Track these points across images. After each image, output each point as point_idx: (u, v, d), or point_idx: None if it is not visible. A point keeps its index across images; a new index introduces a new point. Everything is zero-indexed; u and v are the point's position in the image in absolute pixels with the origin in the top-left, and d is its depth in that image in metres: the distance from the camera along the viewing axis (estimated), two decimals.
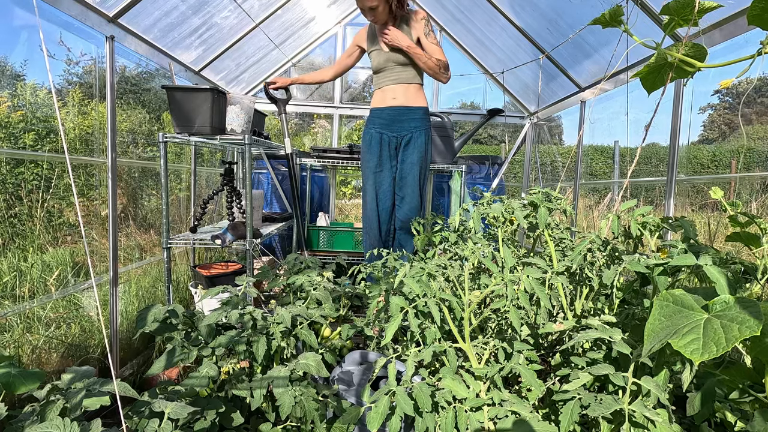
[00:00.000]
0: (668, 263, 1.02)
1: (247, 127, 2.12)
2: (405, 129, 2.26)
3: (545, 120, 3.58)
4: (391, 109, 2.26)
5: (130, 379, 1.90)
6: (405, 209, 2.33)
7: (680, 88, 1.82)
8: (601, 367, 0.99)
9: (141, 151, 3.96)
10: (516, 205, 1.47)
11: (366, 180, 2.35)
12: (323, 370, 1.24)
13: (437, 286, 1.21)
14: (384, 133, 2.28)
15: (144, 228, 3.51)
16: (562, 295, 1.31)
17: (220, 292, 1.43)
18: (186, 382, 1.21)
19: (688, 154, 7.38)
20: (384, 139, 2.28)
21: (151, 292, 2.40)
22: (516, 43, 2.97)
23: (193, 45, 2.56)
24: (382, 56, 2.24)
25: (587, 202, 4.97)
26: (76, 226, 3.26)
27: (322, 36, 3.63)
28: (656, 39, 1.02)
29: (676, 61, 0.96)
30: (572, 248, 1.42)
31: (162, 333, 1.34)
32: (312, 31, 3.54)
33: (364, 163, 2.34)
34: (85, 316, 1.99)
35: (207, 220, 3.19)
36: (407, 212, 2.33)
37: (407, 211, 2.33)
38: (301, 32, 3.44)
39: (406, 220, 2.32)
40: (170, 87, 1.99)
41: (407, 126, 2.26)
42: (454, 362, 1.14)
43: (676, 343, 0.74)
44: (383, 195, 2.33)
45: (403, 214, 2.33)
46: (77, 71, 4.49)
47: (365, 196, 2.35)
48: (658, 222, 1.26)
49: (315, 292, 1.56)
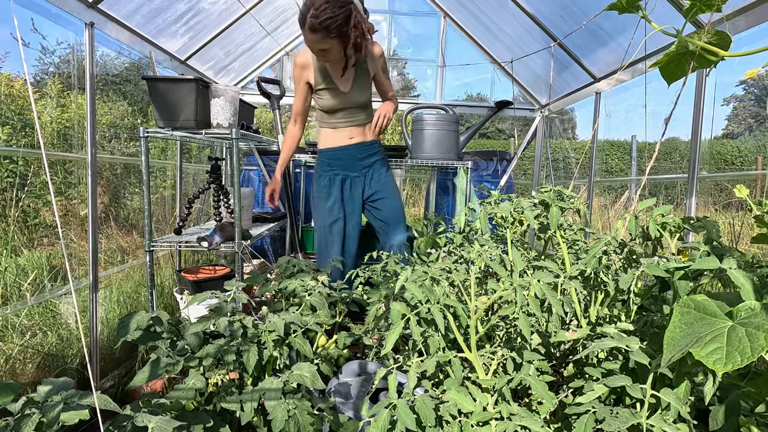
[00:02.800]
0: (690, 267, 1.02)
1: (234, 121, 2.12)
2: (367, 164, 2.22)
3: (557, 113, 3.59)
4: (353, 148, 2.18)
5: (111, 392, 1.90)
6: (398, 233, 2.28)
7: (702, 79, 1.82)
8: (618, 378, 0.99)
9: (123, 146, 3.96)
10: (526, 204, 1.47)
11: (324, 228, 2.22)
12: (319, 381, 1.24)
13: (441, 291, 1.21)
14: (348, 175, 2.20)
15: (126, 229, 3.51)
16: (576, 301, 1.31)
17: (207, 298, 1.43)
18: (171, 395, 1.21)
19: (711, 149, 7.39)
20: (347, 181, 2.20)
21: (134, 298, 2.40)
22: (526, 31, 2.98)
23: (179, 32, 2.56)
24: (339, 97, 2.12)
25: (602, 201, 4.97)
26: (53, 227, 3.26)
27: None
28: (677, 25, 1.02)
29: (698, 50, 0.96)
30: (586, 251, 1.42)
31: (145, 342, 1.34)
32: None
33: (321, 211, 2.21)
34: (63, 323, 1.99)
35: (193, 220, 3.19)
36: (401, 235, 2.29)
37: (401, 232, 2.29)
38: (295, 18, 3.44)
39: (401, 244, 2.29)
40: (151, 78, 1.99)
41: (369, 161, 2.23)
42: (459, 373, 1.14)
43: (697, 352, 0.74)
44: (350, 241, 2.25)
45: (398, 240, 2.28)
46: (53, 60, 4.49)
47: (326, 247, 2.23)
48: (679, 222, 1.26)
49: (309, 297, 1.56)
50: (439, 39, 3.64)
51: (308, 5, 1.86)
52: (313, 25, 1.85)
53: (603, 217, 4.21)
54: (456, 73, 3.74)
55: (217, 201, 2.30)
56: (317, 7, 1.84)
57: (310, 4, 1.85)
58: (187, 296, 2.19)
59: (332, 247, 2.23)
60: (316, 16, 1.84)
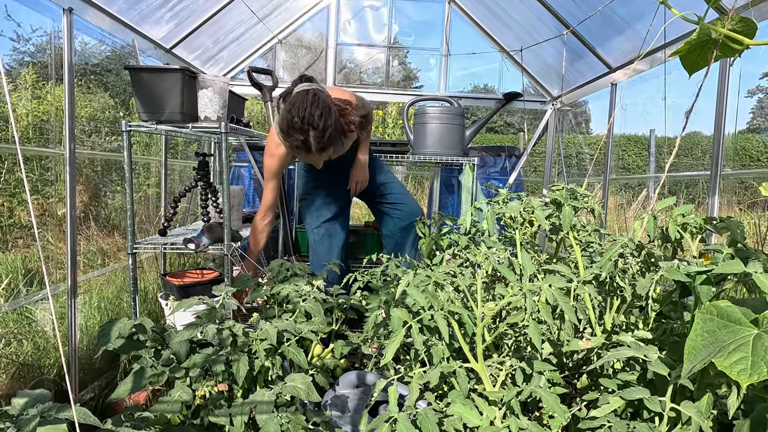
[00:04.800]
0: (712, 271, 1.02)
1: (223, 114, 2.12)
2: (353, 156, 2.28)
3: (570, 105, 3.59)
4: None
5: (91, 404, 1.90)
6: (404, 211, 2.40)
7: (726, 69, 1.83)
8: (635, 390, 0.99)
9: (104, 141, 3.97)
10: (536, 203, 1.47)
11: (316, 229, 2.32)
12: (314, 393, 1.24)
13: (445, 297, 1.21)
14: (333, 172, 2.27)
15: (107, 230, 3.51)
16: (590, 308, 1.31)
17: (194, 304, 1.43)
18: (156, 408, 1.21)
19: (735, 144, 7.40)
20: (332, 178, 2.28)
21: (116, 304, 2.40)
22: (537, 17, 2.98)
23: (164, 18, 2.56)
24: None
25: (619, 200, 4.97)
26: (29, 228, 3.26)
27: (313, 8, 3.63)
28: (698, 11, 1.01)
29: (722, 38, 0.96)
30: (601, 253, 1.42)
31: (128, 351, 1.34)
32: (301, 3, 3.54)
33: (312, 212, 2.31)
34: (40, 331, 1.99)
35: (179, 221, 3.19)
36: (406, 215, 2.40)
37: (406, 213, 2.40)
38: (289, 4, 3.44)
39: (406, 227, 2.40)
40: (134, 67, 1.99)
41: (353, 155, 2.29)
42: (464, 385, 1.14)
43: (720, 362, 0.74)
44: (341, 240, 2.35)
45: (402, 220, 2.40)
46: (29, 49, 4.50)
47: (320, 249, 2.32)
48: (701, 223, 1.26)
49: (304, 303, 1.56)
50: (443, 26, 3.64)
51: (303, 128, 1.77)
52: (321, 147, 1.81)
53: (619, 218, 4.21)
54: (461, 62, 3.74)
55: (204, 200, 2.30)
56: (316, 126, 1.77)
57: (306, 127, 1.77)
58: (172, 302, 2.19)
59: (325, 248, 2.28)
60: (322, 136, 1.78)
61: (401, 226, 2.40)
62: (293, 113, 1.77)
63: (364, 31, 3.77)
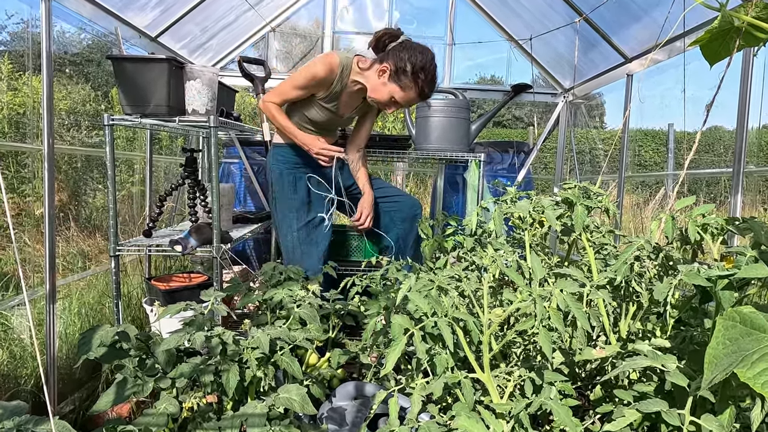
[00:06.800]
0: (735, 275, 1.02)
1: (212, 107, 2.12)
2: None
3: (583, 98, 3.59)
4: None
5: (70, 417, 1.90)
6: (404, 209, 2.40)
7: (749, 59, 1.83)
8: (652, 402, 0.99)
9: (85, 135, 3.97)
10: (547, 202, 1.47)
11: (295, 232, 2.25)
12: (309, 405, 1.24)
13: (450, 302, 1.21)
14: (315, 172, 2.24)
15: (88, 231, 3.51)
16: (604, 314, 1.31)
17: (181, 310, 1.44)
18: (140, 421, 1.21)
19: (759, 139, 7.39)
20: (313, 179, 2.26)
21: (97, 310, 2.40)
22: (547, 3, 2.98)
23: (149, 5, 2.56)
24: (331, 118, 2.19)
25: (635, 199, 4.98)
26: (5, 228, 3.27)
27: None
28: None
29: (745, 26, 0.96)
30: (616, 256, 1.42)
31: (110, 360, 1.34)
32: None
33: (289, 213, 2.24)
34: (16, 339, 1.99)
35: (165, 221, 3.19)
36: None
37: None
38: None
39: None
40: (117, 57, 1.99)
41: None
42: (470, 396, 1.14)
43: (743, 373, 0.74)
44: (325, 242, 2.32)
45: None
46: (3, 38, 4.50)
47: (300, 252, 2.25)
48: (722, 224, 1.26)
49: (299, 309, 1.56)
50: (447, 13, 3.64)
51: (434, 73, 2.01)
52: (429, 94, 2.07)
53: (635, 218, 4.22)
54: (467, 52, 3.74)
55: (192, 199, 2.30)
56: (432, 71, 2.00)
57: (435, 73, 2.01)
58: (158, 308, 2.19)
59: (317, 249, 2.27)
60: (434, 86, 2.05)
61: (401, 218, 2.39)
62: (429, 57, 2.00)
63: (363, 19, 3.77)
